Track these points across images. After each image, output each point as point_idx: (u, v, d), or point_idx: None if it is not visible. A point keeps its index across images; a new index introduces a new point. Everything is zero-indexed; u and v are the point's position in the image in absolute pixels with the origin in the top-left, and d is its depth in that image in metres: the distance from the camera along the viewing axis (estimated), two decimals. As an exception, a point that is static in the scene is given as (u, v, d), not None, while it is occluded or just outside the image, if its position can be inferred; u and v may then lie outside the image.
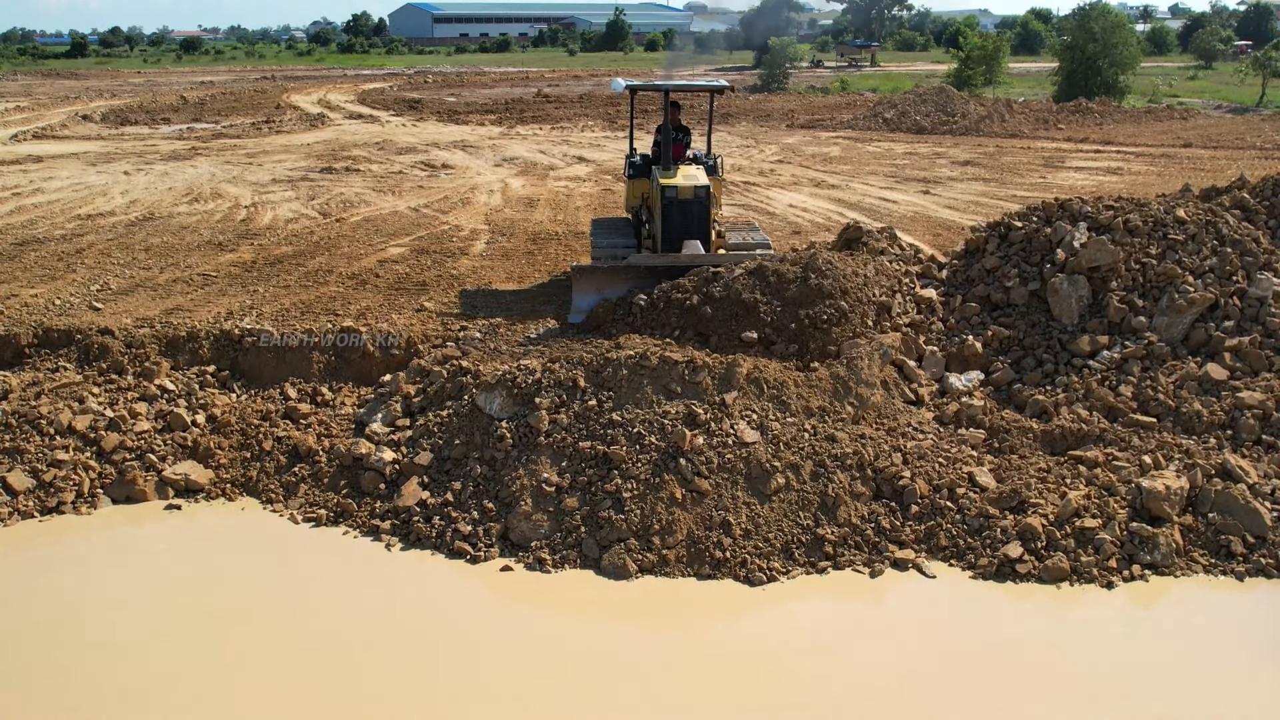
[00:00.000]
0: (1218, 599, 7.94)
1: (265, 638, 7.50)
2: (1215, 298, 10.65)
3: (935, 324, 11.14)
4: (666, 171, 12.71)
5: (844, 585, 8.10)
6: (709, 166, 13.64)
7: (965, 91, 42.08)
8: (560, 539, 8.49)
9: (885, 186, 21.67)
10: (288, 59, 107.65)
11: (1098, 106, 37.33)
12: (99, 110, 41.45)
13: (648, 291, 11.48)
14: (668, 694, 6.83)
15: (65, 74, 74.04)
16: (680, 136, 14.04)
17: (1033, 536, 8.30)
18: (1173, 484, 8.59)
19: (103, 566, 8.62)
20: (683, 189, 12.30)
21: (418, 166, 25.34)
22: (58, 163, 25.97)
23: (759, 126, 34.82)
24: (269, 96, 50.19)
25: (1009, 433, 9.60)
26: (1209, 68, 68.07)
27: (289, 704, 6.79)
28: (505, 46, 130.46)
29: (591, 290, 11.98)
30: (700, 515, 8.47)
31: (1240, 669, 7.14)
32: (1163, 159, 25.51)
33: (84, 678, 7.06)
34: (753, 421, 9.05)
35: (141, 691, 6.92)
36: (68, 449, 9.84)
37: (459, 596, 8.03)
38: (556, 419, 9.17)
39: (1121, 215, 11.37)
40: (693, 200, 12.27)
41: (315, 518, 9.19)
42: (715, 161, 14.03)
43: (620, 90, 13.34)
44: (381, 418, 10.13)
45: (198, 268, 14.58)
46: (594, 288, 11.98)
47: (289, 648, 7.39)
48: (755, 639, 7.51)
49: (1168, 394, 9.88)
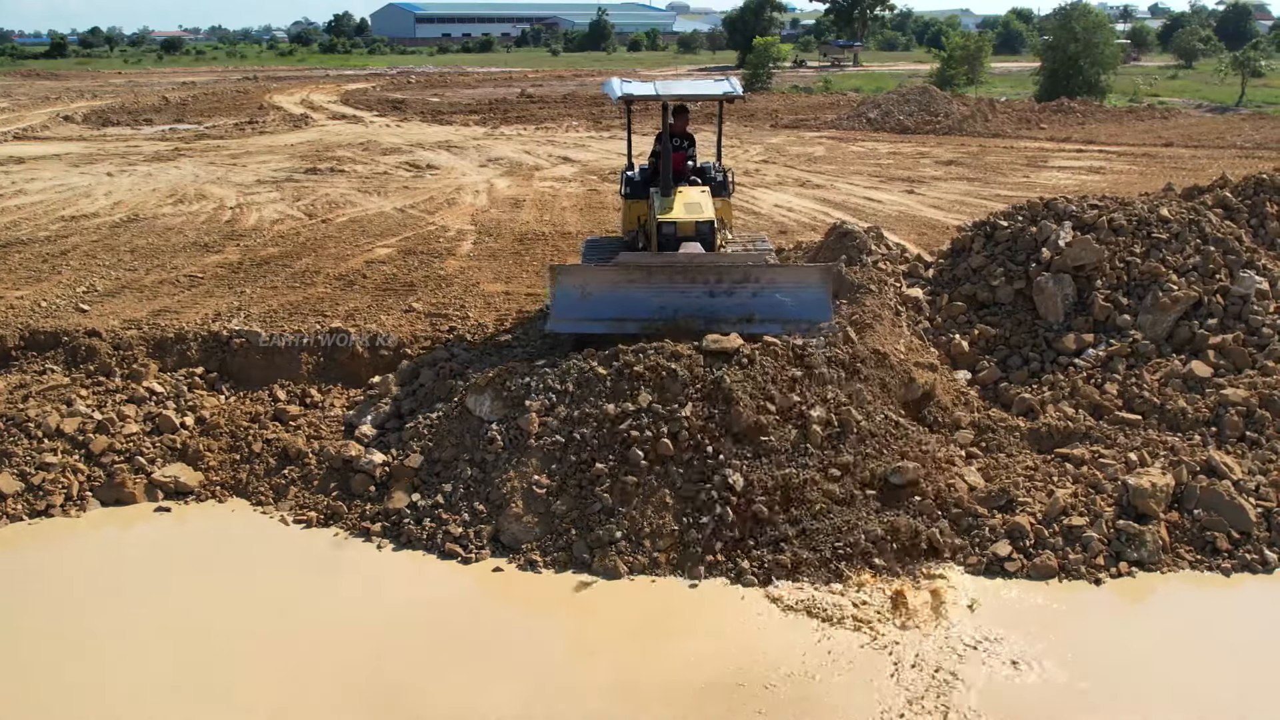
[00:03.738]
0: (1203, 595, 8.02)
1: (256, 639, 7.48)
2: (1199, 295, 10.75)
3: (922, 323, 11.21)
4: (665, 199, 11.24)
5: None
6: (717, 184, 12.23)
7: (948, 91, 42.27)
8: (551, 540, 8.51)
9: (870, 186, 21.78)
10: (270, 59, 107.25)
11: (1080, 106, 37.60)
12: (80, 111, 41.25)
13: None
14: (654, 696, 6.87)
15: (45, 74, 73.59)
16: (683, 145, 12.30)
17: (1022, 535, 8.36)
18: (1158, 481, 8.67)
19: (92, 569, 8.58)
20: (683, 224, 10.91)
21: (402, 167, 25.33)
22: (40, 164, 25.87)
23: (743, 126, 34.90)
24: (251, 97, 50.03)
25: (995, 431, 9.67)
26: (1189, 67, 68.54)
27: (280, 706, 6.78)
28: (488, 47, 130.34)
29: (574, 290, 10.39)
30: (692, 517, 8.50)
31: (1223, 664, 7.22)
32: (1144, 158, 25.71)
33: (73, 680, 7.03)
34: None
35: (130, 694, 6.91)
36: (56, 451, 9.80)
37: (451, 597, 8.03)
38: (546, 421, 9.19)
39: (1106, 214, 11.48)
40: (694, 237, 10.89)
41: (306, 520, 9.17)
42: (725, 177, 12.48)
43: (616, 97, 11.91)
44: (371, 420, 10.13)
45: (184, 269, 14.55)
46: (577, 287, 10.41)
47: (279, 649, 7.37)
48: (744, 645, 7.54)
49: (1153, 391, 9.97)
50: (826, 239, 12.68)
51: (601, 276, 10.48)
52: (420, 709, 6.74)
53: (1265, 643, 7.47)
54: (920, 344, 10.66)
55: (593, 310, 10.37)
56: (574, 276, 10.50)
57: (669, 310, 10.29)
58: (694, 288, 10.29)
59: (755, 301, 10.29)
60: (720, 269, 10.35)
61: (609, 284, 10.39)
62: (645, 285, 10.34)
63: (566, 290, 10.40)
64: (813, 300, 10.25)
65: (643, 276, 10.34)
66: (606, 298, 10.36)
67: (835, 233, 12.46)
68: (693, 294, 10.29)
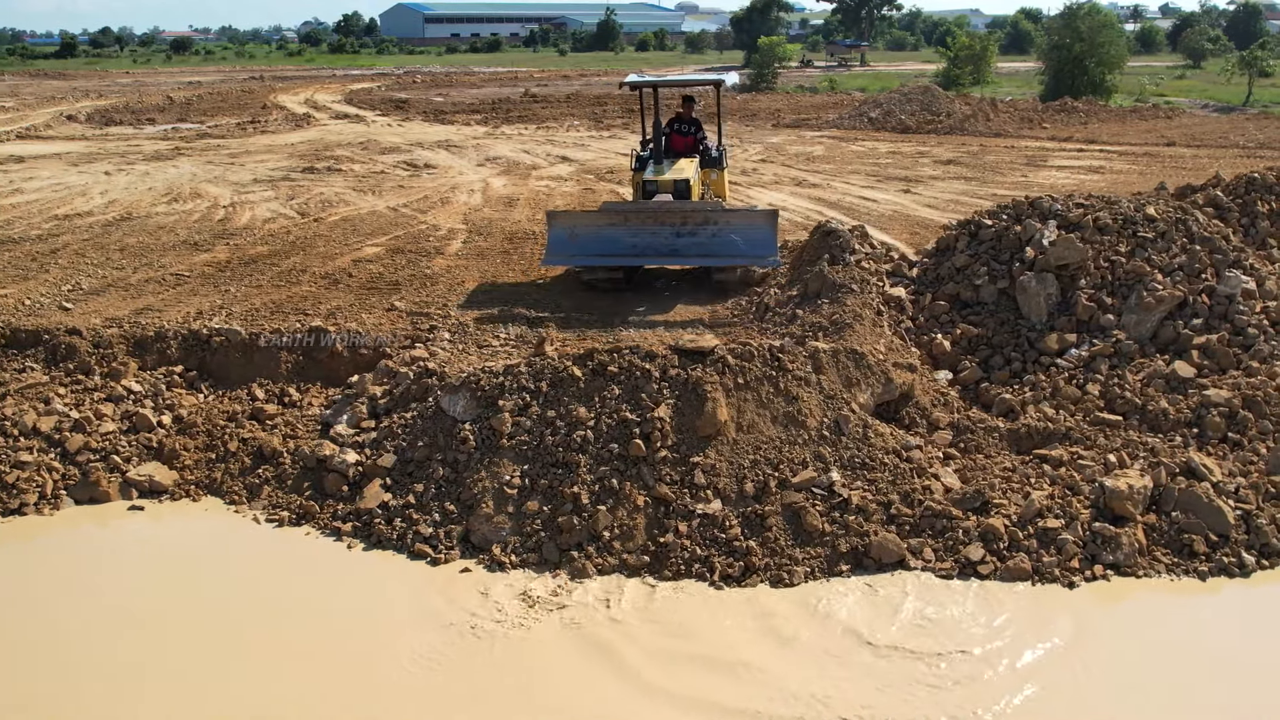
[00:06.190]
0: (1175, 598, 7.92)
1: (221, 639, 7.43)
2: (1184, 295, 10.63)
3: (904, 322, 11.12)
4: (658, 166, 13.72)
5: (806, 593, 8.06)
6: (713, 158, 14.85)
7: (953, 91, 42.12)
8: (521, 541, 8.44)
9: (866, 185, 21.66)
10: (278, 59, 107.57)
11: (1083, 106, 37.39)
12: (84, 110, 41.34)
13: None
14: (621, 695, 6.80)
15: (53, 74, 73.93)
16: (690, 129, 14.97)
17: (995, 537, 8.26)
18: (1136, 483, 8.56)
19: (58, 567, 8.55)
20: (663, 183, 13.34)
21: (400, 166, 25.30)
22: (39, 163, 25.90)
23: (744, 126, 34.80)
24: (256, 96, 50.12)
25: (974, 432, 9.57)
26: (1197, 67, 68.16)
27: (243, 703, 6.74)
28: (496, 47, 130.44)
29: (564, 231, 12.94)
30: (661, 520, 8.43)
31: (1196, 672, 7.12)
32: (1145, 157, 25.54)
33: (39, 676, 7.00)
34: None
35: (97, 691, 6.87)
36: (32, 450, 9.76)
37: (416, 597, 7.96)
38: (519, 421, 9.13)
39: (1091, 213, 11.36)
40: (672, 192, 13.25)
41: (278, 519, 9.12)
42: (720, 153, 15.07)
43: (623, 84, 14.71)
44: (347, 419, 10.07)
45: (171, 267, 14.52)
46: (567, 229, 12.95)
47: (244, 649, 7.32)
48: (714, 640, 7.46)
49: (1135, 392, 9.86)
50: (811, 238, 12.59)
51: (587, 220, 13.10)
52: (378, 708, 6.69)
53: (1234, 647, 7.35)
54: (901, 344, 10.57)
55: (580, 248, 12.91)
56: (564, 220, 13.13)
57: (641, 248, 12.82)
58: (663, 229, 12.81)
59: (713, 241, 12.75)
60: (684, 213, 12.76)
61: (593, 226, 12.91)
62: (623, 227, 12.83)
63: (558, 232, 12.99)
64: (761, 239, 12.67)
65: (620, 220, 12.88)
66: (591, 238, 12.87)
67: (819, 231, 12.38)
68: (662, 234, 12.81)
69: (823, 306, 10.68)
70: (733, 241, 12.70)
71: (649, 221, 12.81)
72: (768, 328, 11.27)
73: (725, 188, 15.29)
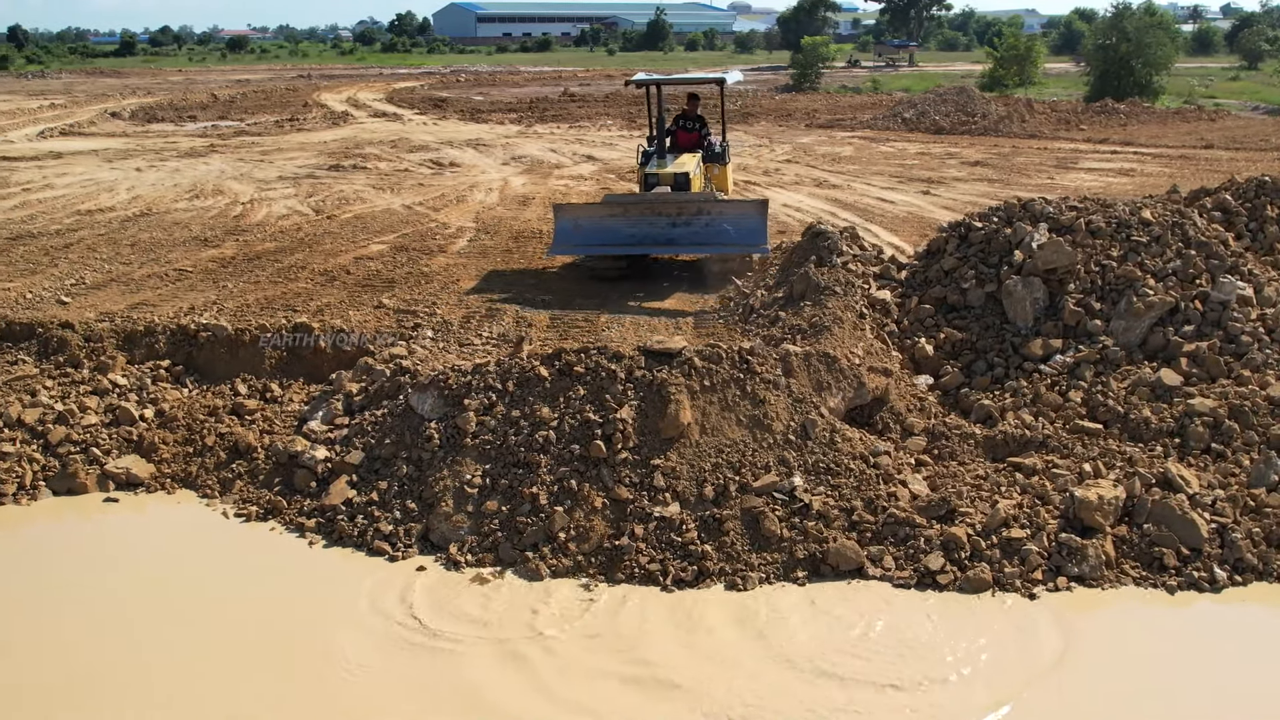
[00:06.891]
0: (1137, 612, 7.69)
1: (174, 632, 7.48)
2: (1176, 300, 10.33)
3: (889, 326, 10.93)
4: (660, 160, 14.39)
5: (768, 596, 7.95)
6: (715, 153, 15.36)
7: (997, 92, 41.53)
8: (478, 541, 8.41)
9: (886, 187, 21.39)
10: (330, 58, 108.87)
11: (1125, 107, 36.66)
12: (129, 108, 42.07)
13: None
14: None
15: (109, 73, 75.42)
16: (694, 126, 15.67)
17: (957, 546, 8.07)
18: (1107, 493, 8.33)
19: (25, 560, 8.68)
20: (663, 176, 13.95)
21: (425, 164, 25.44)
22: (75, 159, 26.37)
23: (777, 126, 34.58)
24: (300, 95, 50.72)
25: (949, 438, 9.38)
26: (1253, 68, 66.58)
27: (193, 697, 6.78)
28: (546, 46, 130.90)
29: (569, 223, 13.61)
30: (618, 522, 8.36)
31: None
32: (1180, 160, 24.97)
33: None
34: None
35: (54, 684, 6.95)
36: (15, 441, 9.92)
37: (369, 595, 7.95)
38: (484, 421, 9.10)
39: (1084, 216, 11.09)
40: (672, 186, 13.80)
41: (246, 514, 9.18)
42: (723, 149, 15.57)
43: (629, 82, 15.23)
44: (322, 416, 10.11)
45: (176, 263, 14.69)
46: (571, 221, 13.60)
47: (195, 643, 7.36)
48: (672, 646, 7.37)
49: (1118, 400, 9.60)
50: (801, 239, 12.45)
51: (590, 212, 13.86)
52: (324, 704, 6.69)
53: (1187, 665, 7.14)
54: (882, 348, 10.38)
55: (584, 238, 13.60)
56: (569, 213, 13.79)
57: (639, 237, 13.42)
58: (660, 219, 13.38)
59: (706, 230, 13.33)
60: (680, 204, 13.30)
61: (595, 217, 13.61)
62: (623, 218, 13.45)
63: (564, 224, 13.69)
64: (752, 228, 13.24)
65: (621, 211, 13.49)
66: (594, 228, 13.55)
67: (809, 233, 12.22)
68: (659, 224, 13.40)
69: (804, 309, 10.55)
70: (725, 230, 13.30)
71: (646, 212, 13.42)
72: (750, 329, 11.14)
73: (728, 182, 15.81)
